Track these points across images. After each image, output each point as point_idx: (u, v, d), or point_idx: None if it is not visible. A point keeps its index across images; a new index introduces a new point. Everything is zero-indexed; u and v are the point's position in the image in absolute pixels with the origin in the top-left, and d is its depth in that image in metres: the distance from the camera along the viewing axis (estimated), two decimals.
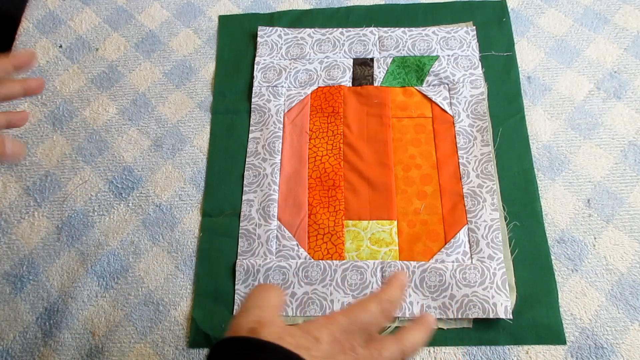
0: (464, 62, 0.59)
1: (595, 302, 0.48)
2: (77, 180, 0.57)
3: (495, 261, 0.49)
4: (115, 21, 0.66)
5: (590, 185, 0.53)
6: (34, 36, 0.66)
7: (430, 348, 0.47)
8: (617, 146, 0.55)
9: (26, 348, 0.49)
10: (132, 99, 0.61)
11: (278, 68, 0.60)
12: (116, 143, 0.59)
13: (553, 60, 0.60)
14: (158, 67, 0.63)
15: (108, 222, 0.54)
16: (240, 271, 0.50)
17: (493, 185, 0.52)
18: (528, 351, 0.46)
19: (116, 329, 0.49)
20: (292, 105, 0.58)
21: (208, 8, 0.66)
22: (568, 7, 0.63)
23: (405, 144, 0.56)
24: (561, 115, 0.57)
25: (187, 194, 0.55)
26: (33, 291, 0.51)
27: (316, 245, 0.51)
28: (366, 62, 0.60)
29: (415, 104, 0.58)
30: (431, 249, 0.50)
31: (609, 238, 0.50)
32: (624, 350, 0.46)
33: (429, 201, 0.53)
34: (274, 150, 0.56)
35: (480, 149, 0.54)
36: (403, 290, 0.36)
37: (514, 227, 0.51)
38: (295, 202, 0.53)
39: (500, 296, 0.47)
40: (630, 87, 0.58)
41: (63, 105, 0.61)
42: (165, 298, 0.50)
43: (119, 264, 0.52)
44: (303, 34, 0.62)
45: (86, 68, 0.63)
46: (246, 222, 0.53)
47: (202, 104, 0.60)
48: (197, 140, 0.58)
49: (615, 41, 0.61)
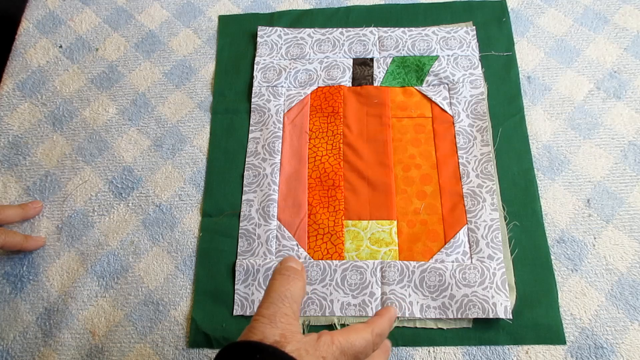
0: (463, 62, 0.59)
1: (595, 302, 0.48)
2: (77, 180, 0.57)
3: (495, 261, 0.49)
4: (115, 21, 0.66)
5: (590, 185, 0.53)
6: (34, 36, 0.66)
7: (430, 348, 0.47)
8: (617, 146, 0.55)
9: (26, 348, 0.49)
10: (132, 99, 0.61)
11: (278, 68, 0.60)
12: (116, 143, 0.59)
13: (553, 60, 0.60)
14: (158, 67, 0.63)
15: (108, 222, 0.54)
16: (240, 271, 0.50)
17: (493, 185, 0.52)
18: (528, 351, 0.46)
19: (116, 329, 0.49)
20: (292, 105, 0.58)
21: (208, 8, 0.66)
22: (568, 7, 0.63)
23: (405, 144, 0.56)
24: (561, 115, 0.57)
25: (187, 194, 0.55)
26: (33, 291, 0.51)
27: (316, 245, 0.51)
28: (366, 62, 0.60)
29: (415, 104, 0.58)
30: (431, 249, 0.50)
31: (609, 238, 0.50)
32: (624, 350, 0.46)
33: (429, 201, 0.53)
34: (274, 150, 0.56)
35: (480, 149, 0.54)
36: (392, 325, 0.38)
37: (514, 227, 0.51)
38: (295, 202, 0.53)
39: (500, 296, 0.47)
40: (630, 87, 0.58)
41: (63, 105, 0.61)
42: (165, 298, 0.50)
43: (119, 264, 0.52)
44: (303, 34, 0.62)
45: (86, 68, 0.63)
46: (246, 222, 0.53)
47: (202, 104, 0.60)
48: (197, 140, 0.58)
49: (615, 41, 0.61)
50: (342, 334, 0.34)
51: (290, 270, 0.36)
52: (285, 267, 0.36)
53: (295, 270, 0.36)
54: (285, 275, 0.36)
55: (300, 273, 0.36)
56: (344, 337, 0.33)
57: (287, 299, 0.34)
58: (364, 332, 0.34)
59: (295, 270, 0.36)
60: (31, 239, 0.52)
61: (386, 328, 0.37)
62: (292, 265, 0.36)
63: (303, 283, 0.36)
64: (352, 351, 0.33)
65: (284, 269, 0.36)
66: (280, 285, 0.35)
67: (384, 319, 0.37)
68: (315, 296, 0.49)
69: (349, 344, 0.33)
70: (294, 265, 0.36)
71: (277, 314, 0.32)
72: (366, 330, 0.35)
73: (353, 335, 0.34)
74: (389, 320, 0.38)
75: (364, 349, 0.34)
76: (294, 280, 0.35)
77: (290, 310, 0.33)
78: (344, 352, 0.33)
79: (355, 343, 0.33)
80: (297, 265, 0.37)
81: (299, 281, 0.35)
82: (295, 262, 0.37)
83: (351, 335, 0.34)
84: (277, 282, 0.35)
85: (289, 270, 0.36)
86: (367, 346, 0.34)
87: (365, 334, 0.34)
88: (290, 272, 0.36)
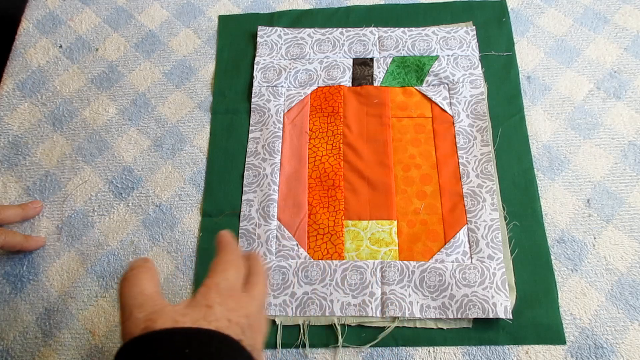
0: (463, 62, 0.59)
1: (595, 302, 0.48)
2: (77, 180, 0.57)
3: (495, 261, 0.49)
4: (115, 21, 0.66)
5: (590, 185, 0.53)
6: (34, 36, 0.66)
7: (430, 348, 0.47)
8: (617, 146, 0.55)
9: (26, 348, 0.49)
10: (132, 99, 0.61)
11: (278, 68, 0.60)
12: (116, 143, 0.59)
13: (553, 60, 0.60)
14: (158, 67, 0.63)
15: (108, 222, 0.54)
16: None
17: (493, 185, 0.52)
18: (528, 351, 0.46)
19: (116, 329, 0.49)
20: (292, 105, 0.58)
21: (208, 8, 0.66)
22: (568, 7, 0.63)
23: (405, 144, 0.56)
24: (561, 115, 0.57)
25: (187, 194, 0.55)
26: (33, 291, 0.51)
27: (316, 245, 0.51)
28: (366, 62, 0.60)
29: (415, 104, 0.58)
30: (431, 248, 0.50)
31: (609, 238, 0.50)
32: (624, 350, 0.46)
33: (429, 201, 0.53)
34: (274, 150, 0.56)
35: (480, 149, 0.54)
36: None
37: (514, 227, 0.51)
38: (295, 202, 0.53)
39: (500, 296, 0.47)
40: (630, 87, 0.58)
41: (63, 105, 0.61)
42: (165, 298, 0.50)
43: (119, 264, 0.52)
44: (303, 34, 0.62)
45: (86, 68, 0.63)
46: (246, 222, 0.53)
47: (202, 104, 0.60)
48: (197, 140, 0.58)
49: (615, 41, 0.61)
50: (214, 274, 0.34)
51: (133, 270, 0.34)
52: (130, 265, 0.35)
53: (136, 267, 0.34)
54: (127, 279, 0.33)
55: (142, 265, 0.34)
56: (217, 276, 0.33)
57: (140, 291, 0.32)
58: (228, 265, 0.34)
59: (136, 266, 0.34)
60: (31, 239, 0.52)
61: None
62: (133, 264, 0.34)
63: (149, 268, 0.34)
64: (230, 282, 0.33)
65: (128, 270, 0.34)
66: (126, 286, 0.33)
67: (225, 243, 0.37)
68: (315, 296, 0.49)
69: (225, 278, 0.33)
70: (134, 264, 0.34)
71: (132, 308, 0.31)
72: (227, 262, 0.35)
73: (221, 271, 0.34)
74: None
75: (235, 278, 0.34)
76: (137, 273, 0.33)
77: (146, 296, 0.32)
78: (227, 287, 0.33)
79: (228, 274, 0.33)
80: (136, 261, 0.35)
81: (143, 272, 0.34)
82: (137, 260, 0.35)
83: (220, 272, 0.34)
84: (123, 288, 0.33)
85: (130, 271, 0.34)
86: (237, 277, 0.34)
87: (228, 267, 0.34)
88: (133, 271, 0.34)
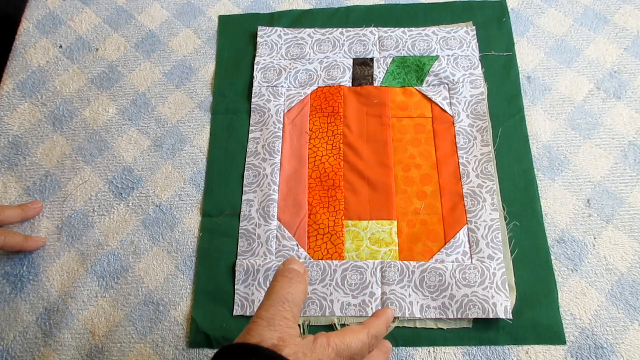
0: (463, 62, 0.59)
1: (595, 302, 0.48)
2: (77, 180, 0.57)
3: (495, 261, 0.49)
4: (115, 21, 0.66)
5: (590, 185, 0.53)
6: (34, 36, 0.66)
7: (430, 348, 0.47)
8: (617, 146, 0.55)
9: (26, 348, 0.49)
10: (132, 99, 0.61)
11: (278, 68, 0.60)
12: (116, 143, 0.59)
13: (553, 60, 0.60)
14: (158, 67, 0.63)
15: (108, 222, 0.54)
16: (240, 271, 0.50)
17: (493, 185, 0.52)
18: (528, 351, 0.46)
19: (116, 329, 0.49)
20: (292, 105, 0.58)
21: (208, 8, 0.66)
22: (568, 7, 0.63)
23: (405, 144, 0.56)
24: (561, 115, 0.57)
25: (187, 194, 0.55)
26: (33, 291, 0.51)
27: (316, 245, 0.51)
28: (366, 62, 0.60)
29: (415, 104, 0.58)
30: (431, 248, 0.50)
31: (609, 238, 0.50)
32: (624, 350, 0.46)
33: (429, 201, 0.53)
34: (274, 150, 0.56)
35: (480, 149, 0.54)
36: (388, 327, 0.39)
37: (514, 227, 0.51)
38: (295, 202, 0.53)
39: (500, 296, 0.47)
40: (630, 87, 0.58)
41: (63, 105, 0.61)
42: (165, 298, 0.50)
43: (119, 264, 0.52)
44: (303, 34, 0.62)
45: (86, 68, 0.63)
46: (246, 222, 0.53)
47: (202, 104, 0.60)
48: (197, 140, 0.58)
49: (615, 41, 0.61)
50: (338, 335, 0.34)
51: (292, 273, 0.36)
52: (287, 269, 0.36)
53: (298, 273, 0.36)
54: (287, 277, 0.35)
55: (303, 276, 0.36)
56: (339, 338, 0.33)
57: (288, 302, 0.33)
58: (359, 333, 0.34)
59: (298, 272, 0.36)
60: (31, 239, 0.52)
61: (382, 329, 0.37)
62: (295, 267, 0.36)
63: (305, 286, 0.36)
64: (348, 352, 0.33)
65: (287, 271, 0.36)
66: (281, 288, 0.34)
67: (381, 320, 0.37)
68: (315, 296, 0.49)
69: (344, 345, 0.33)
70: (297, 268, 0.36)
71: (276, 317, 0.32)
72: (362, 331, 0.35)
73: (349, 337, 0.34)
74: (386, 322, 0.38)
75: (359, 350, 0.34)
76: (296, 283, 0.35)
77: (290, 313, 0.33)
78: (340, 354, 0.33)
79: (351, 344, 0.33)
80: (299, 267, 0.36)
81: (300, 284, 0.35)
82: (298, 264, 0.37)
83: (347, 336, 0.34)
84: (278, 284, 0.35)
85: (291, 272, 0.36)
86: (362, 347, 0.34)
87: (361, 335, 0.34)
88: (292, 274, 0.36)
